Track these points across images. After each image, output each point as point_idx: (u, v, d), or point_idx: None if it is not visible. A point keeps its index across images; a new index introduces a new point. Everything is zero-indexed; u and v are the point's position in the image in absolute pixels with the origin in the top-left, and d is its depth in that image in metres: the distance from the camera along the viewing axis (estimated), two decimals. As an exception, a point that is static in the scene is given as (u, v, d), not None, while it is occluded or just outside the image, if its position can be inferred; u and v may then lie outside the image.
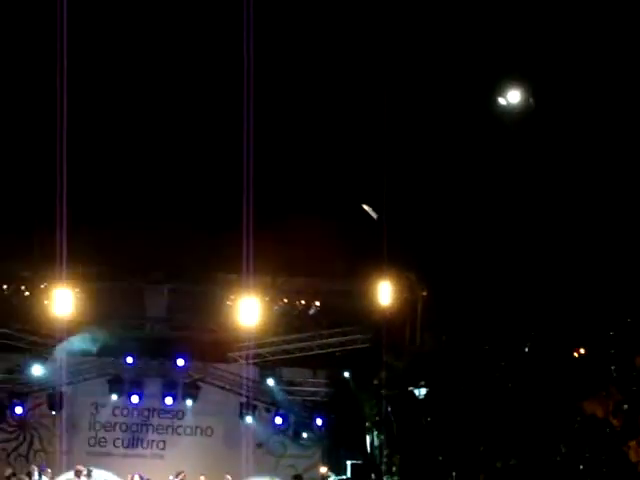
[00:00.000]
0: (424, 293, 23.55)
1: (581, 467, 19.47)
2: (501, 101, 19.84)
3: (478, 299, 21.06)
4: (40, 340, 25.76)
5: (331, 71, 18.91)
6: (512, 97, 19.75)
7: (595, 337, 19.70)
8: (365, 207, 22.98)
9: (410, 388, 22.87)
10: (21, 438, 27.23)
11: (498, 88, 19.73)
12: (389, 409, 23.83)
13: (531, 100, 19.68)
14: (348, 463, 24.94)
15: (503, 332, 20.84)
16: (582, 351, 20.13)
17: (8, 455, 27.05)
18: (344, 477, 25.41)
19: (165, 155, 21.37)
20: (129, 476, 25.87)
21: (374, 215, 22.87)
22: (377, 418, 24.44)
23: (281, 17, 17.77)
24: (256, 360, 26.31)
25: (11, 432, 27.20)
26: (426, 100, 19.22)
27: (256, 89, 15.18)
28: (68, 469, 25.75)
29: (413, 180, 20.69)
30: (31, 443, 27.22)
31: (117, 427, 27.51)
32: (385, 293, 23.14)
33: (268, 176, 17.66)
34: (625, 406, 19.31)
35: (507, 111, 19.75)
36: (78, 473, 24.18)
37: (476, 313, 21.23)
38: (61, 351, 24.63)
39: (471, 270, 21.12)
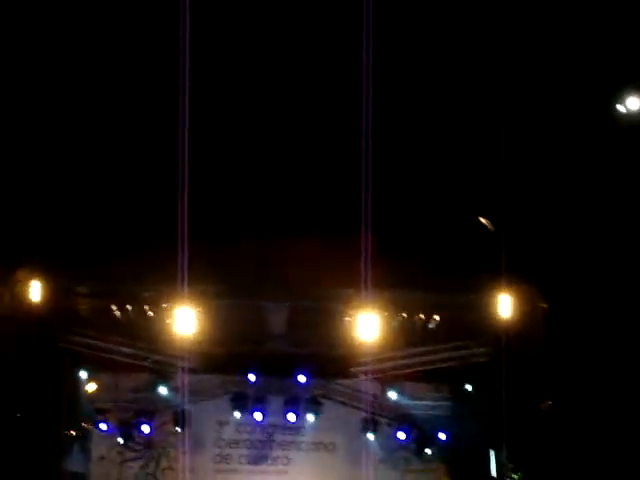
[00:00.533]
0: (545, 305, 23.22)
1: None
2: (620, 108, 19.50)
3: (603, 311, 20.66)
4: (164, 359, 26.21)
5: (445, 71, 18.85)
6: (632, 104, 19.40)
7: None
8: (482, 219, 22.81)
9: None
10: (149, 456, 27.64)
11: (618, 94, 19.39)
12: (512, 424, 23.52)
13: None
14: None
15: (631, 345, 20.38)
16: None
17: (136, 474, 27.53)
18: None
19: (282, 170, 21.51)
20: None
21: (491, 227, 22.68)
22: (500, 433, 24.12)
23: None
24: (377, 375, 26.24)
25: (138, 451, 27.60)
26: (545, 105, 19.00)
27: (375, 88, 15.06)
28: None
29: (532, 189, 20.44)
30: (158, 461, 27.62)
31: (242, 444, 27.69)
32: (505, 305, 22.91)
33: (385, 187, 17.64)
34: None
35: (628, 118, 19.39)
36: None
37: (602, 326, 20.82)
38: None
39: (594, 280, 20.75)
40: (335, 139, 20.02)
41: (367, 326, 24.12)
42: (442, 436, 26.71)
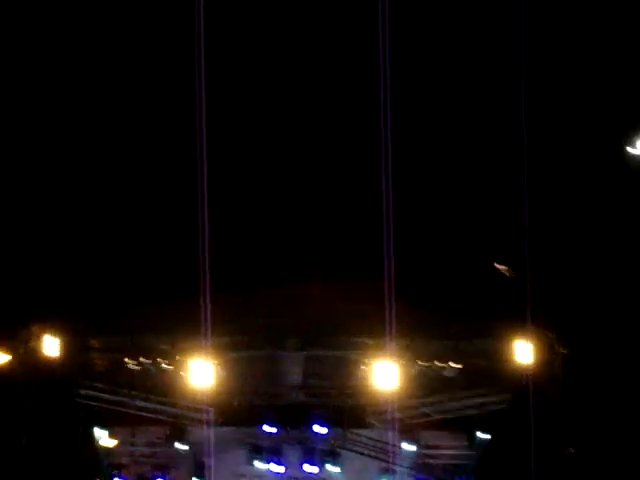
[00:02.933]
0: (565, 351, 23.05)
1: None
2: (632, 150, 19.51)
3: (624, 356, 20.50)
4: (181, 412, 26.02)
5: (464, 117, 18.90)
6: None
7: None
8: (498, 266, 22.71)
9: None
10: (167, 512, 27.42)
11: (629, 136, 19.40)
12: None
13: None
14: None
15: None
16: None
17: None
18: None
19: (301, 219, 21.47)
20: None
21: (508, 273, 22.58)
22: None
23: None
24: (395, 424, 26.01)
25: (156, 506, 27.42)
26: (563, 152, 19.05)
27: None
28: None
29: (551, 235, 20.38)
30: (177, 517, 27.38)
31: (260, 496, 27.47)
32: (524, 352, 22.74)
33: (404, 234, 17.55)
34: None
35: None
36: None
37: (623, 371, 20.65)
38: None
39: (615, 326, 20.61)
40: (355, 186, 20.01)
41: (384, 375, 23.95)
42: (462, 485, 26.47)
